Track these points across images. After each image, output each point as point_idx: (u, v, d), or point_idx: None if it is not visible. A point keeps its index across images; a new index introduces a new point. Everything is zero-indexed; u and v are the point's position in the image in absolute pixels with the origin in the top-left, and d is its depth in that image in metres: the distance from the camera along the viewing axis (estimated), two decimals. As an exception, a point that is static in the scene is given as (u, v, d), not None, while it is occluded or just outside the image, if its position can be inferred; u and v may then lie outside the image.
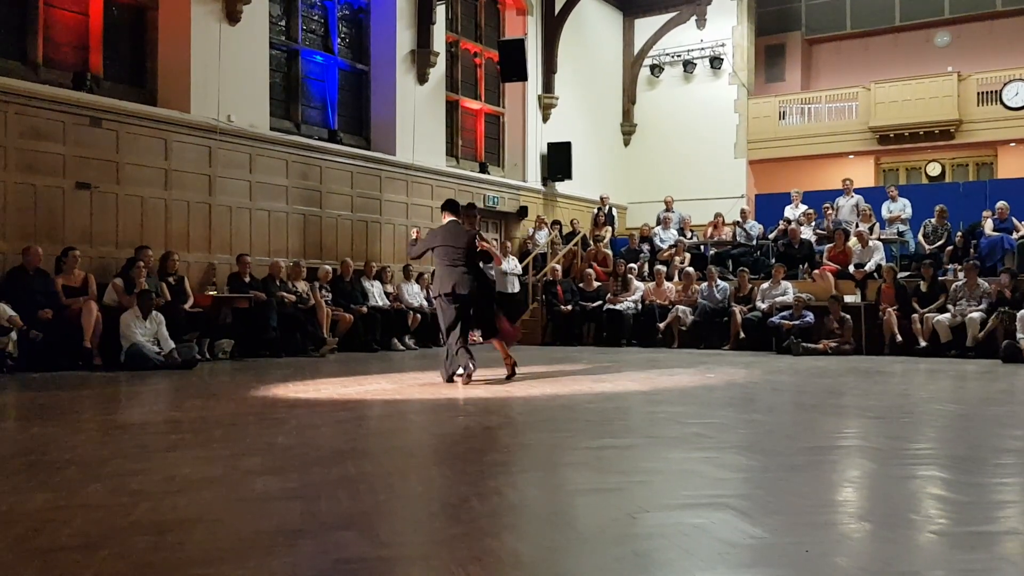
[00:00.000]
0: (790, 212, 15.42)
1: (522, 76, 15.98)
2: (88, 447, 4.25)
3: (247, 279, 10.94)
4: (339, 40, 13.94)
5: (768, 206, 17.15)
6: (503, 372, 7.85)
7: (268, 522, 2.77)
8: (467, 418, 5.51)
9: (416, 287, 13.25)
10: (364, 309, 12.02)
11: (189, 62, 11.08)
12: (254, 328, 10.69)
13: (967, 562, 2.37)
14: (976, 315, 11.08)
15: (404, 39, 14.33)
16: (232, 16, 11.46)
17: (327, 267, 12.24)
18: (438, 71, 14.94)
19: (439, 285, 7.62)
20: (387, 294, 12.80)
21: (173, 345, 9.07)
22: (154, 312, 9.11)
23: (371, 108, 14.34)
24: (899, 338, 11.60)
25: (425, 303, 13.13)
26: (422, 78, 14.58)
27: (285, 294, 11.10)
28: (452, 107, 15.94)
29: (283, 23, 13.01)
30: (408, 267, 13.54)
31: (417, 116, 14.44)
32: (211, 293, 10.65)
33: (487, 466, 3.84)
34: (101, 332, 9.02)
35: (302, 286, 11.52)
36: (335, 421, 5.26)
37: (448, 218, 7.78)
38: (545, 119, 17.51)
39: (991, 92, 17.02)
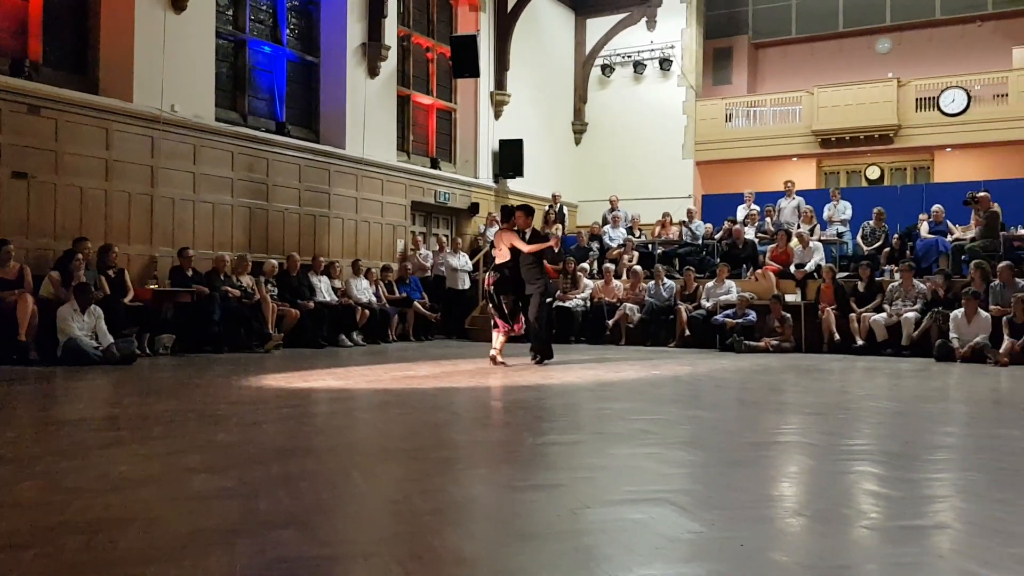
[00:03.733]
0: (742, 211, 15.67)
1: (474, 72, 15.96)
2: (21, 444, 4.14)
3: (190, 273, 10.75)
4: (288, 31, 13.77)
5: (714, 206, 17.41)
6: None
7: (205, 521, 2.72)
8: (413, 415, 5.48)
9: (365, 282, 13.15)
10: (311, 304, 11.90)
11: (132, 50, 10.84)
12: (196, 323, 10.51)
13: (898, 556, 2.43)
14: (911, 315, 11.38)
15: (355, 32, 14.20)
16: (178, 4, 11.25)
17: (273, 262, 12.08)
18: (389, 65, 14.84)
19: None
20: (335, 289, 12.68)
21: (112, 340, 8.87)
22: (92, 306, 8.91)
23: (320, 101, 14.19)
24: (837, 337, 11.87)
25: (374, 299, 13.05)
26: (373, 72, 14.47)
27: (229, 289, 10.93)
28: (403, 102, 15.86)
29: (230, 12, 12.79)
30: (357, 262, 13.44)
31: (368, 110, 14.33)
32: (152, 287, 10.46)
33: (432, 463, 3.83)
34: (37, 326, 8.79)
35: (247, 281, 11.36)
36: (278, 418, 5.20)
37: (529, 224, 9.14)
38: (497, 116, 17.51)
39: (929, 98, 17.51)
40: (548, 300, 9.29)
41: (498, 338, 9.14)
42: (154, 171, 11.09)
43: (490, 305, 9.46)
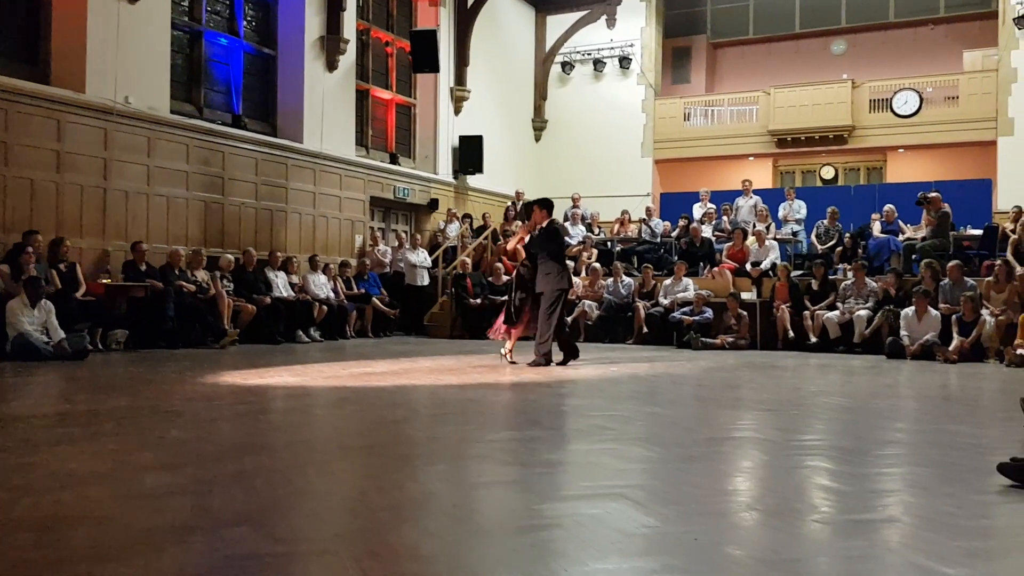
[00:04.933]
0: (698, 210, 15.83)
1: (434, 67, 15.90)
2: (-33, 441, 4.05)
3: (143, 267, 10.59)
4: (245, 23, 13.58)
5: (672, 205, 17.56)
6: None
7: (157, 519, 2.69)
8: (371, 411, 5.46)
9: (323, 278, 13.04)
10: (267, 300, 11.77)
11: (85, 40, 10.61)
12: (150, 318, 10.36)
13: (849, 549, 2.47)
14: (863, 313, 11.60)
15: (313, 25, 14.06)
16: (132, -7, 11.05)
17: (229, 256, 11.91)
18: (348, 59, 14.72)
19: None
20: (292, 285, 12.56)
21: (63, 335, 8.70)
22: (43, 300, 8.73)
23: (278, 94, 14.02)
24: (791, 334, 12.06)
25: (332, 295, 12.95)
26: (331, 65, 14.35)
27: (184, 283, 10.78)
28: (362, 96, 15.74)
29: (185, 3, 12.59)
30: (315, 257, 13.32)
31: (326, 104, 14.21)
32: (105, 281, 10.27)
33: (389, 460, 3.82)
34: (-15, 320, 8.59)
35: (202, 275, 11.21)
36: (234, 415, 5.15)
37: (547, 219, 8.63)
38: (457, 112, 17.47)
39: (882, 100, 17.84)
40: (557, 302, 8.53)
41: (506, 340, 8.96)
42: (107, 163, 10.88)
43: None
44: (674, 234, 15.45)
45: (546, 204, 8.80)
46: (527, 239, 8.72)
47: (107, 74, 10.77)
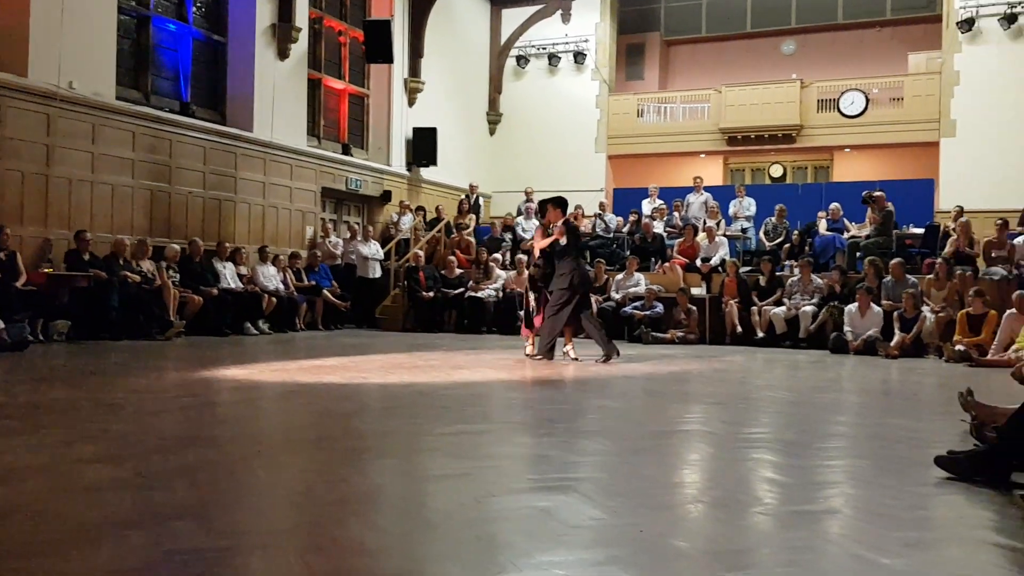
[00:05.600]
0: (647, 205, 15.97)
1: (388, 58, 15.77)
2: None
3: (87, 257, 10.35)
4: (194, 9, 13.32)
5: (625, 200, 17.68)
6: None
7: (96, 513, 2.63)
8: (319, 405, 5.41)
9: (272, 269, 12.88)
10: (215, 291, 11.59)
11: (28, 22, 10.31)
12: (93, 309, 10.14)
13: (791, 540, 2.52)
14: (809, 308, 11.81)
15: (264, 12, 13.85)
16: (76, -24, 10.78)
17: (175, 246, 11.70)
18: (300, 47, 14.53)
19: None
20: (241, 276, 12.38)
21: (3, 325, 8.45)
22: (-19, 289, 8.49)
23: (227, 82, 13.78)
24: (739, 329, 12.23)
25: (281, 286, 12.79)
26: (283, 54, 14.15)
27: (128, 274, 10.56)
28: (314, 85, 15.55)
29: (133, -13, 12.32)
30: (264, 248, 13.14)
31: (277, 93, 14.01)
32: (46, 271, 10.01)
33: (336, 453, 3.78)
34: (-80, 310, 8.33)
35: (148, 266, 11.00)
36: (178, 407, 5.06)
37: (562, 217, 8.57)
38: (411, 103, 17.36)
39: (830, 100, 18.16)
40: (568, 298, 8.35)
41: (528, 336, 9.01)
42: (50, 150, 10.60)
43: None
44: (625, 229, 15.57)
45: (561, 203, 8.67)
46: (562, 240, 8.54)
47: (51, 58, 10.49)
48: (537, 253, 8.95)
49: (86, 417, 4.58)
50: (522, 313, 9.38)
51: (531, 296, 8.91)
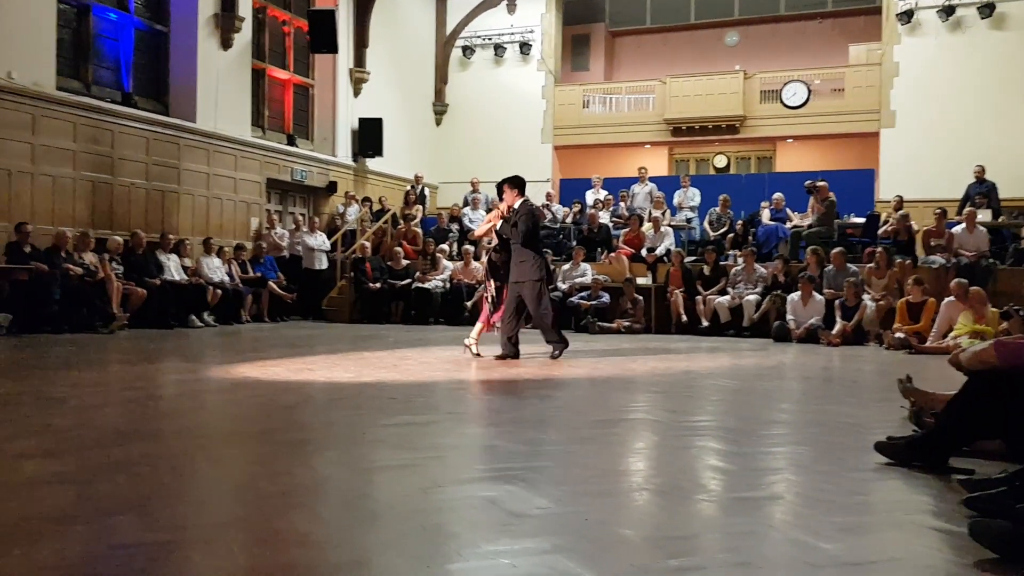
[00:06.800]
0: (591, 196, 16.07)
1: (332, 48, 15.61)
2: None
3: (28, 249, 10.12)
4: (135, -3, 13.04)
5: (572, 191, 17.78)
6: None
7: (37, 507, 2.59)
8: (263, 397, 5.36)
9: (217, 261, 12.68)
10: (159, 283, 11.38)
11: (-41, 10, 10.03)
12: (35, 302, 9.94)
13: (735, 525, 2.57)
14: (752, 298, 12.02)
15: (207, 1, 13.61)
16: (12, -37, 10.47)
17: (118, 238, 11.49)
18: (243, 37, 14.30)
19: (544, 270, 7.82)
20: (185, 268, 12.18)
21: (-63, 319, 8.24)
22: (-88, 284, 8.23)
23: (170, 72, 13.52)
24: (684, 318, 12.39)
25: (226, 278, 12.61)
26: (226, 43, 13.92)
27: (70, 266, 10.34)
28: (258, 75, 15.33)
29: (71, -26, 12.00)
30: (209, 240, 12.94)
31: (220, 83, 13.78)
32: (-17, 264, 9.76)
33: (280, 446, 3.76)
34: None
35: (90, 258, 10.77)
36: (121, 401, 4.98)
37: (519, 198, 7.78)
38: (356, 94, 17.21)
39: (772, 91, 18.45)
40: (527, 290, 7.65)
41: (477, 326, 8.12)
42: (-13, 141, 10.33)
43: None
44: (569, 219, 15.67)
45: (517, 183, 7.88)
46: (499, 224, 7.84)
47: (-16, 46, 10.20)
48: (485, 241, 8.42)
49: (27, 411, 4.49)
50: (477, 300, 8.69)
51: (492, 284, 8.06)
